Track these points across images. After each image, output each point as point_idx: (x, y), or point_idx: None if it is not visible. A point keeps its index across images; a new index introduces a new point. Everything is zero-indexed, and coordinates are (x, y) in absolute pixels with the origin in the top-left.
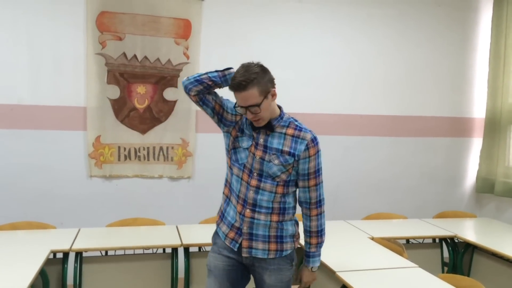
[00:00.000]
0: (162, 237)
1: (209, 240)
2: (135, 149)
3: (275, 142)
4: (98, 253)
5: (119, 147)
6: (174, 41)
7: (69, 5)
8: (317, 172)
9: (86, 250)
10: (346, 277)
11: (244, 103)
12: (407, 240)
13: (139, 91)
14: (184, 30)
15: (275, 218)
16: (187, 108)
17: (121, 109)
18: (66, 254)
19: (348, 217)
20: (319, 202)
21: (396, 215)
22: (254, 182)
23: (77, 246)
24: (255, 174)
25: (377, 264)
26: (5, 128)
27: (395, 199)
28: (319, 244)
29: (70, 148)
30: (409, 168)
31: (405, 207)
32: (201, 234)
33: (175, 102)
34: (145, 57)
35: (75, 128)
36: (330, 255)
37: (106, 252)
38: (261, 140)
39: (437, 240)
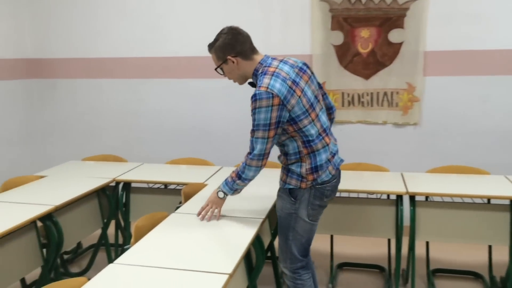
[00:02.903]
0: (387, 183)
1: (437, 190)
2: (358, 95)
3: None
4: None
5: (342, 93)
6: None
7: None
8: (254, 126)
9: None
10: None
11: None
12: None
13: (362, 35)
14: None
15: (284, 161)
16: (414, 50)
17: (345, 54)
18: None
19: None
20: (251, 154)
21: None
22: None
23: None
24: None
25: None
26: None
27: None
28: (233, 179)
29: None
30: None
31: None
32: (427, 183)
33: (400, 44)
34: None
35: None
36: None
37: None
38: None
39: None
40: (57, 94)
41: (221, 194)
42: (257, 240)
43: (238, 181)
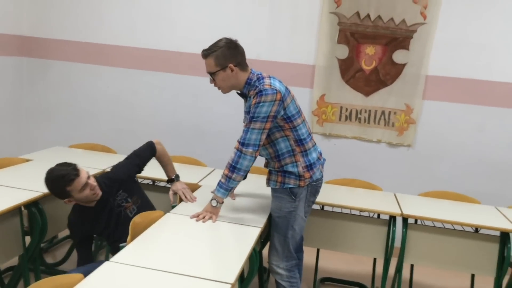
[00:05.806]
0: (380, 202)
1: (430, 214)
2: (356, 110)
3: (246, 106)
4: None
5: (341, 107)
6: (412, 0)
7: None
8: (252, 118)
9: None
10: None
11: (206, 69)
12: None
13: (367, 52)
14: None
15: (276, 165)
16: (415, 73)
17: (348, 69)
18: None
19: None
20: (242, 141)
21: None
22: None
23: None
24: None
25: None
26: None
27: None
28: (227, 177)
29: None
30: None
31: None
32: (420, 207)
33: (404, 65)
34: (379, 17)
35: (303, 85)
36: None
37: (323, 207)
38: (244, 108)
39: None
40: (49, 75)
41: (214, 203)
42: (253, 250)
43: (233, 175)
